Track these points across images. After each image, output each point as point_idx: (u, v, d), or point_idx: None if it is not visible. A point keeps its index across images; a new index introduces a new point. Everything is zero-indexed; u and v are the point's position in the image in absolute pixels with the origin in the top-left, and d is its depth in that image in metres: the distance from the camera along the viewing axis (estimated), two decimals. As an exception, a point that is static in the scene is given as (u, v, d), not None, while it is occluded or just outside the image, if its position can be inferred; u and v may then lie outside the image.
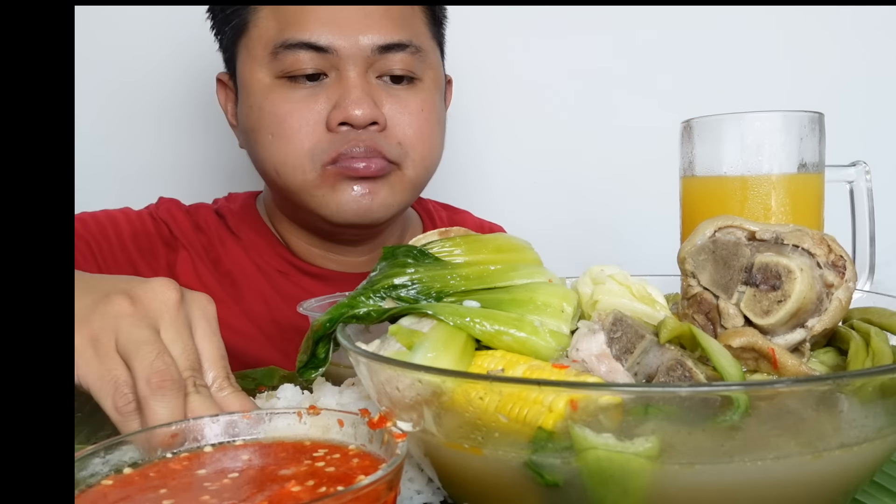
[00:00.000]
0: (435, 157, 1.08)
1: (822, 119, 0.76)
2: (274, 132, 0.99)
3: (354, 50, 0.97)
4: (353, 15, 0.98)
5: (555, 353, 0.49)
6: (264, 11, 1.00)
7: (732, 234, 0.52)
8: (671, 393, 0.38)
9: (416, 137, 1.02)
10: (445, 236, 0.59)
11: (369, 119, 0.97)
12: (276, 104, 0.99)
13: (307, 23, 0.97)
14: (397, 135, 1.01)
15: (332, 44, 0.97)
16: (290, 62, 0.97)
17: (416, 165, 1.04)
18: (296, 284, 1.12)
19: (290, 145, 0.98)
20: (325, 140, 0.98)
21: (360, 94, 0.97)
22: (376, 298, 0.53)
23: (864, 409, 0.40)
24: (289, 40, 0.97)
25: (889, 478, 0.54)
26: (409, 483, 0.51)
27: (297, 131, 0.98)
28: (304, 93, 0.99)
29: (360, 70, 0.98)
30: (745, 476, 0.38)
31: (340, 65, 0.98)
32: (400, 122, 1.01)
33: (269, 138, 1.00)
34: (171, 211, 1.14)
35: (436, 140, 1.07)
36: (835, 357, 0.51)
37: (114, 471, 0.42)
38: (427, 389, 0.42)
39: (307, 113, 0.98)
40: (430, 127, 1.05)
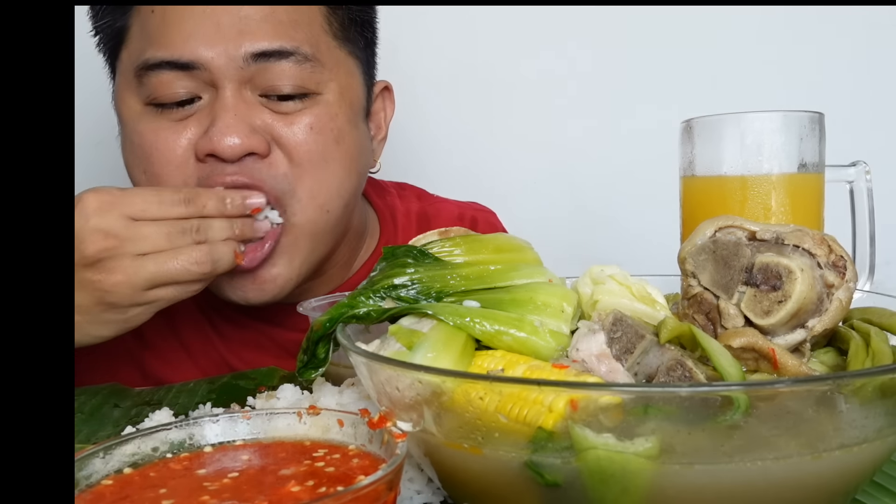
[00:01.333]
0: (329, 189, 0.86)
1: (822, 119, 0.76)
2: (145, 169, 0.84)
3: (223, 61, 0.80)
4: (226, 21, 0.81)
5: (555, 353, 0.49)
6: (134, 28, 0.85)
7: (733, 234, 0.52)
8: (671, 393, 0.38)
9: (302, 167, 0.84)
10: (445, 236, 0.59)
11: (243, 150, 0.80)
12: (143, 136, 0.84)
13: (169, 36, 0.81)
14: (282, 164, 0.83)
15: (196, 58, 0.80)
16: (154, 85, 0.82)
17: (306, 207, 0.85)
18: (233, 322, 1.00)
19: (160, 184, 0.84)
20: (194, 175, 0.83)
21: (231, 119, 0.80)
22: (376, 298, 0.53)
23: (863, 409, 0.40)
24: (150, 59, 0.81)
25: (889, 478, 0.54)
26: (408, 483, 0.51)
27: (166, 166, 0.83)
28: (173, 119, 0.83)
29: (234, 87, 0.81)
30: (745, 476, 0.38)
31: (213, 82, 0.82)
32: (287, 146, 0.83)
33: (142, 178, 0.85)
34: None
35: (331, 167, 0.86)
36: (835, 357, 0.51)
37: (114, 471, 0.42)
38: (427, 389, 0.42)
39: (175, 146, 0.82)
40: (321, 150, 0.85)
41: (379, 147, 1.01)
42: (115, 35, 0.88)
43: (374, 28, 0.98)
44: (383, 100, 1.03)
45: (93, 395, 0.82)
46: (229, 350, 1.02)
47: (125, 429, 0.64)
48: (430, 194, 1.21)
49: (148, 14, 0.84)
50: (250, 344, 1.02)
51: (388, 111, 1.04)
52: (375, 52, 0.99)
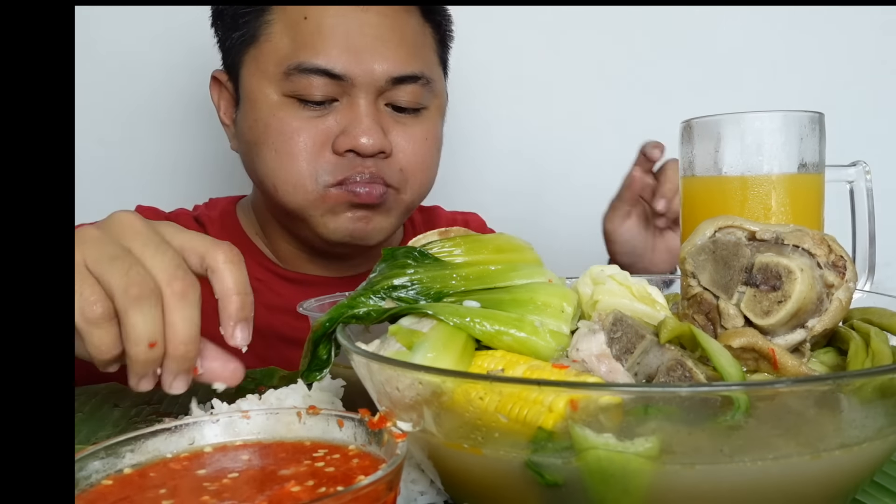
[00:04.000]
0: (431, 182, 1.10)
1: (822, 119, 0.76)
2: (278, 149, 0.99)
3: (368, 79, 0.97)
4: (370, 42, 0.97)
5: (555, 353, 0.49)
6: (278, 26, 0.99)
7: (733, 234, 0.52)
8: (671, 393, 0.38)
9: (418, 166, 1.04)
10: (445, 236, 0.59)
11: (377, 149, 0.97)
12: (284, 122, 0.98)
13: (323, 47, 0.96)
14: (400, 162, 1.02)
15: (347, 72, 0.96)
16: (302, 85, 0.97)
17: (413, 190, 1.05)
18: (275, 292, 1.11)
19: (294, 164, 0.98)
20: (330, 162, 0.98)
21: (370, 123, 0.97)
22: (376, 299, 0.52)
23: (864, 409, 0.40)
24: (303, 64, 0.96)
25: (889, 478, 0.54)
26: (411, 484, 0.51)
27: (303, 150, 0.98)
28: (313, 114, 0.98)
29: (370, 98, 0.98)
30: (746, 476, 0.38)
31: (352, 91, 0.97)
32: (404, 150, 1.02)
33: (272, 154, 0.99)
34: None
35: (434, 166, 1.09)
36: (835, 357, 0.51)
37: (114, 471, 0.42)
38: (427, 389, 0.42)
39: (315, 133, 0.98)
40: (431, 155, 1.07)
41: None
42: (252, 27, 1.00)
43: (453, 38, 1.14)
44: None
45: (92, 395, 0.82)
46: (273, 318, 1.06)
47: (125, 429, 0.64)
48: (425, 206, 1.34)
49: (299, 19, 0.98)
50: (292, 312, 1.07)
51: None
52: None
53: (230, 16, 1.03)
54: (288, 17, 0.98)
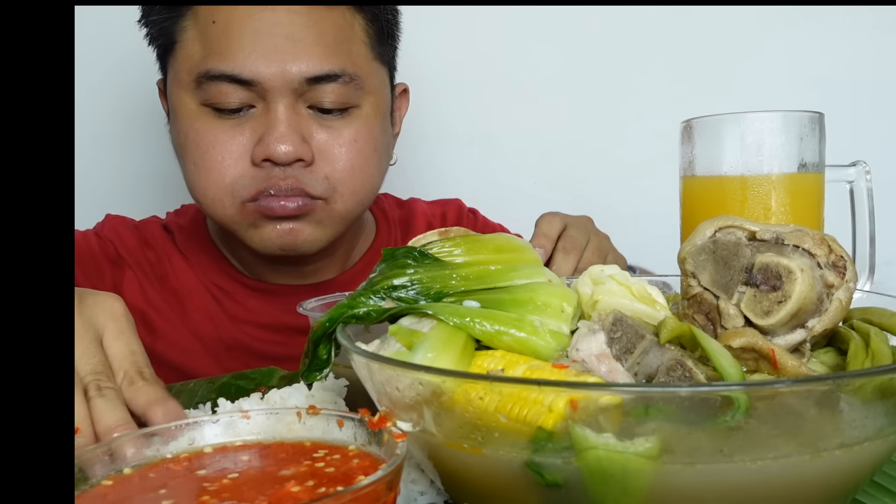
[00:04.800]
0: (367, 188, 1.01)
1: (822, 119, 0.76)
2: (196, 162, 0.95)
3: (281, 81, 0.91)
4: (281, 43, 0.91)
5: (555, 353, 0.49)
6: (190, 32, 0.94)
7: (733, 234, 0.52)
8: (671, 393, 0.38)
9: (347, 171, 0.97)
10: (445, 236, 0.59)
11: (293, 157, 0.92)
12: (200, 134, 0.94)
13: (230, 51, 0.91)
14: (325, 169, 0.95)
15: (256, 76, 0.91)
16: (213, 93, 0.92)
17: (346, 200, 0.98)
18: (240, 303, 1.09)
19: (211, 178, 0.95)
20: (247, 175, 0.94)
21: (285, 129, 0.92)
22: (376, 299, 0.52)
23: (864, 409, 0.40)
24: (211, 71, 0.91)
25: (889, 478, 0.54)
26: (411, 484, 0.51)
27: (219, 164, 0.94)
28: (229, 124, 0.94)
29: (288, 101, 0.93)
30: (745, 476, 0.38)
31: (267, 96, 0.92)
32: (329, 155, 0.96)
33: (192, 167, 0.96)
34: (116, 229, 1.11)
35: (370, 171, 1.00)
36: (835, 357, 0.51)
37: (114, 471, 0.42)
38: (427, 389, 0.42)
39: (231, 145, 0.93)
40: (364, 158, 0.98)
41: (393, 141, 1.11)
42: (168, 34, 0.96)
43: (398, 35, 1.08)
44: (401, 99, 1.13)
45: (93, 395, 0.82)
46: (237, 329, 1.08)
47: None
48: (403, 201, 1.32)
49: (208, 23, 0.93)
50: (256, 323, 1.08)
51: (402, 109, 1.14)
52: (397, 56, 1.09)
53: (150, 24, 1.00)
54: (199, 21, 0.94)
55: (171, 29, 0.96)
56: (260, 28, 0.91)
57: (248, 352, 1.07)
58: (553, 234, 0.94)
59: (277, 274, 1.10)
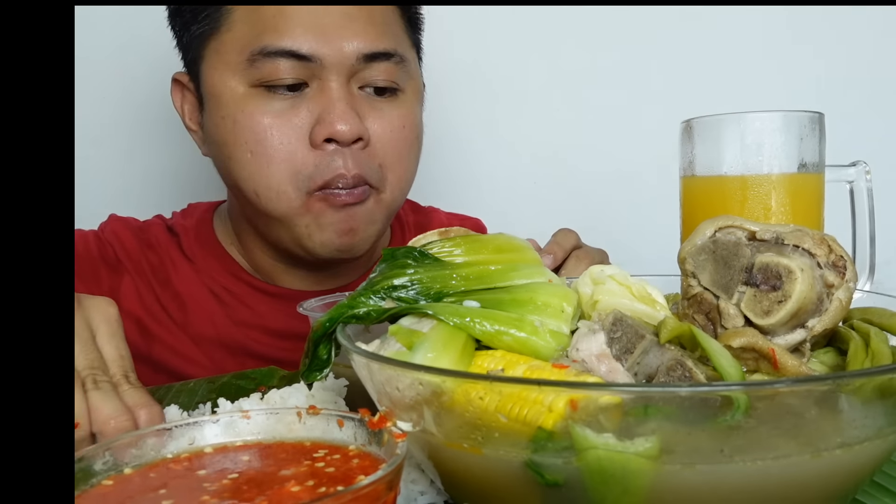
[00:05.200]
0: (410, 177, 1.02)
1: (822, 119, 0.76)
2: (253, 150, 0.91)
3: (338, 58, 0.91)
4: (337, 20, 0.91)
5: (555, 353, 0.49)
6: (238, 13, 0.93)
7: (733, 234, 0.52)
8: (671, 393, 0.38)
9: (396, 158, 0.97)
10: (445, 236, 0.59)
11: (355, 135, 0.91)
12: (254, 117, 0.91)
13: (287, 28, 0.90)
14: (379, 154, 0.95)
15: (315, 52, 0.89)
16: (268, 71, 0.90)
17: (394, 188, 0.98)
18: (248, 307, 1.07)
19: (273, 167, 0.91)
20: (309, 162, 0.92)
21: (344, 107, 0.91)
22: (376, 299, 0.52)
23: (863, 409, 0.40)
24: (268, 47, 0.89)
25: (889, 478, 0.54)
26: (411, 485, 0.51)
27: (279, 150, 0.91)
28: (284, 104, 0.91)
29: (342, 80, 0.92)
30: (745, 476, 0.38)
31: (322, 74, 0.91)
32: (381, 139, 0.95)
33: (247, 156, 0.92)
34: (117, 232, 1.08)
35: (413, 159, 1.01)
36: (835, 357, 0.51)
37: (114, 471, 0.42)
38: (427, 389, 0.42)
39: (288, 128, 0.91)
40: (409, 145, 0.99)
41: None
42: (211, 20, 0.95)
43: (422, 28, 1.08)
44: None
45: (93, 395, 0.82)
46: (242, 334, 1.06)
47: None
48: (421, 206, 1.30)
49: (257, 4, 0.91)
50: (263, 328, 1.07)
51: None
52: None
53: (189, 10, 0.97)
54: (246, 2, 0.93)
55: (215, 14, 0.94)
56: (313, 8, 0.91)
57: (251, 357, 1.05)
58: (567, 246, 0.94)
59: (292, 277, 1.08)
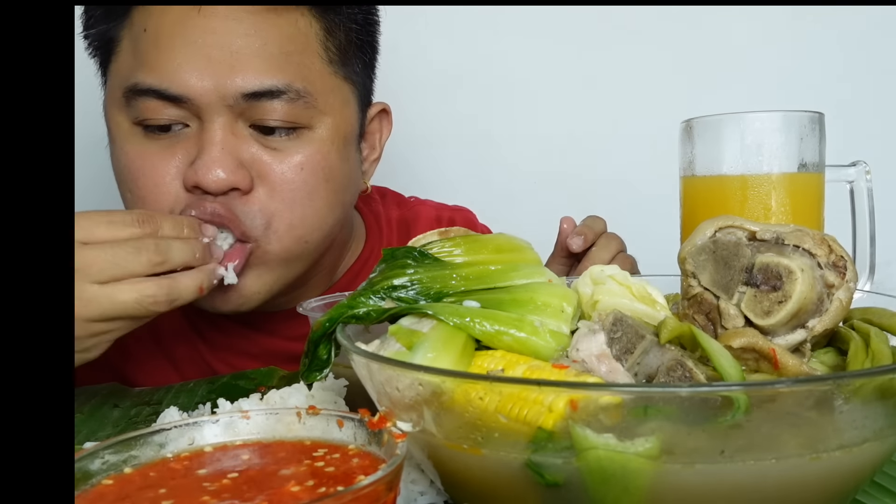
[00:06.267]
0: (309, 224, 0.87)
1: (822, 119, 0.76)
2: (131, 190, 0.85)
3: (215, 97, 0.80)
4: (216, 53, 0.80)
5: (555, 353, 0.49)
6: (125, 42, 0.84)
7: (733, 234, 0.52)
8: (671, 393, 0.38)
9: (286, 202, 0.84)
10: (445, 236, 0.59)
11: (227, 185, 0.80)
12: (132, 158, 0.84)
13: (159, 63, 0.80)
14: (261, 199, 0.83)
15: (187, 91, 0.79)
16: (141, 110, 0.82)
17: (282, 236, 0.85)
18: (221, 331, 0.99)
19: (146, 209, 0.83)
20: (181, 203, 0.83)
21: (218, 153, 0.80)
22: (376, 299, 0.52)
23: (863, 409, 0.40)
24: (138, 84, 0.81)
25: (889, 478, 0.54)
26: (411, 484, 0.51)
27: (151, 193, 0.83)
28: (160, 145, 0.83)
29: (224, 120, 0.81)
30: (745, 476, 0.38)
31: (201, 114, 0.81)
32: (269, 181, 0.83)
33: (128, 196, 0.86)
34: None
35: (315, 204, 0.86)
36: (835, 357, 0.51)
37: (114, 471, 0.42)
38: (427, 389, 0.42)
39: (161, 170, 0.82)
40: (309, 189, 0.85)
41: (371, 167, 1.01)
42: (105, 43, 0.87)
43: (375, 47, 0.96)
44: (380, 121, 1.01)
45: (92, 395, 0.82)
46: (216, 357, 1.00)
47: (125, 429, 0.64)
48: (407, 199, 1.22)
49: (140, 32, 0.83)
50: (238, 351, 1.01)
51: (384, 132, 1.02)
52: (374, 72, 0.97)
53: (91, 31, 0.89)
54: (133, 29, 0.84)
55: (108, 37, 0.86)
56: (192, 37, 0.80)
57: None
58: (597, 229, 0.94)
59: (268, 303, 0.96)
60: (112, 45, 0.86)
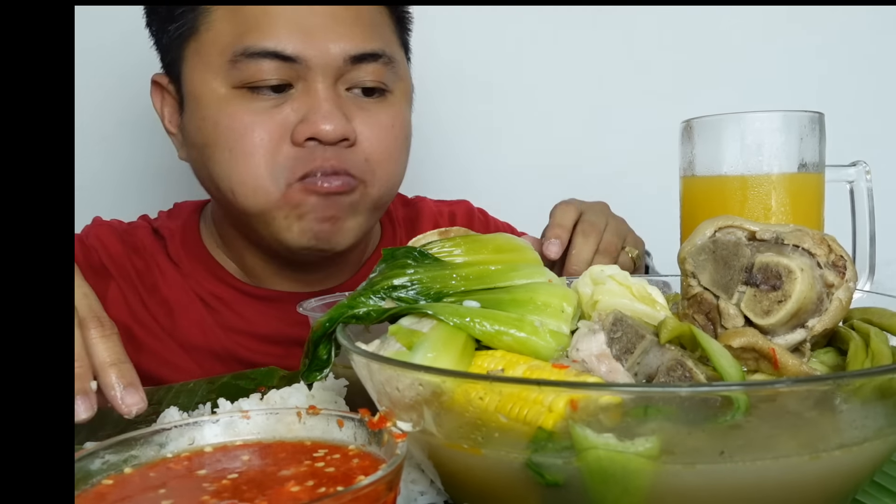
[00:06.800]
0: (399, 176, 1.01)
1: (822, 119, 0.76)
2: (232, 148, 0.90)
3: (324, 60, 0.89)
4: (322, 20, 0.89)
5: (555, 353, 0.49)
6: (219, 12, 0.90)
7: (733, 234, 0.52)
8: (671, 393, 0.38)
9: (384, 155, 0.95)
10: (445, 236, 0.59)
11: (340, 135, 0.89)
12: (235, 118, 0.89)
13: (271, 28, 0.88)
14: (366, 150, 0.93)
15: (300, 53, 0.88)
16: (251, 72, 0.88)
17: (381, 184, 0.96)
18: (236, 312, 1.05)
19: (251, 163, 0.89)
20: (290, 156, 0.90)
21: (330, 107, 0.89)
22: (376, 299, 0.52)
23: (863, 409, 0.40)
24: (250, 48, 0.88)
25: (889, 478, 0.54)
26: (411, 484, 0.51)
27: (259, 147, 0.89)
28: (267, 104, 0.90)
29: (329, 81, 0.90)
30: (745, 476, 0.38)
31: (308, 76, 0.89)
32: (369, 137, 0.94)
33: (226, 155, 0.91)
34: (101, 237, 1.06)
35: (402, 159, 1.00)
36: (835, 357, 0.51)
37: (114, 471, 0.42)
38: (427, 389, 0.42)
39: (270, 126, 0.89)
40: (399, 145, 0.98)
41: None
42: (189, 20, 0.93)
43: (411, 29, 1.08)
44: None
45: (93, 395, 0.82)
46: (231, 340, 1.04)
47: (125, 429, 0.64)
48: (410, 199, 1.29)
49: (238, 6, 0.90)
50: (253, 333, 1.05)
51: None
52: None
53: (165, 10, 0.94)
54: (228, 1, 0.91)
55: (193, 13, 0.92)
56: (300, 7, 0.89)
57: (241, 364, 1.02)
58: (568, 223, 0.94)
59: (281, 280, 1.07)
60: (199, 20, 0.92)
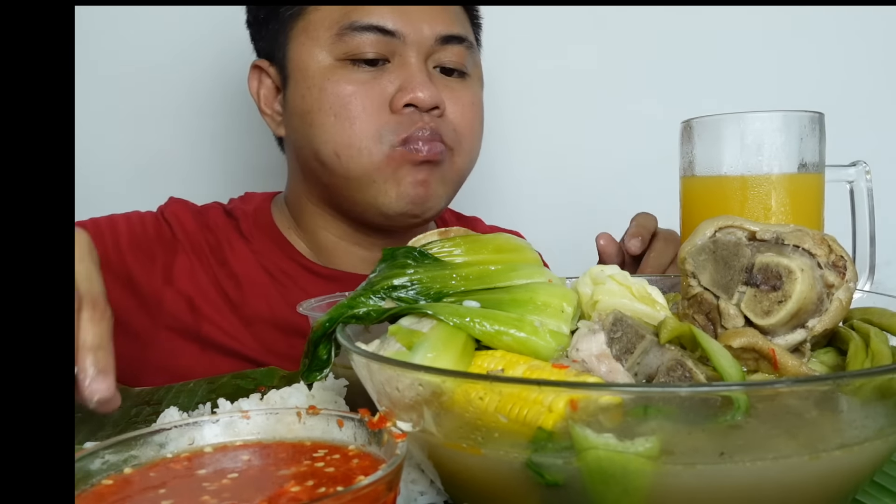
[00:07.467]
0: (476, 152, 1.11)
1: (822, 119, 0.76)
2: (337, 113, 1.00)
3: (419, 37, 1.01)
4: (417, 5, 1.02)
5: (555, 353, 0.49)
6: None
7: (733, 234, 0.52)
8: (671, 393, 0.38)
9: (468, 129, 1.07)
10: (445, 236, 0.59)
11: (434, 102, 1.00)
12: (340, 84, 1.00)
13: (374, 7, 1.00)
14: (453, 122, 1.04)
15: (399, 28, 1.00)
16: (355, 44, 1.00)
17: (464, 155, 1.07)
18: (302, 288, 1.10)
19: (356, 126, 1.00)
20: (391, 121, 1.00)
21: (424, 77, 1.00)
22: (376, 299, 0.52)
23: (863, 409, 0.40)
24: (356, 22, 1.00)
25: (889, 478, 0.54)
26: (411, 484, 0.51)
27: (363, 112, 1.00)
28: (367, 76, 1.01)
29: (420, 57, 1.02)
30: (745, 476, 0.38)
31: (403, 51, 1.01)
32: (454, 111, 1.05)
33: (331, 119, 1.01)
34: (177, 213, 1.13)
35: (480, 136, 1.12)
36: (835, 357, 0.51)
37: (114, 471, 0.42)
38: (427, 389, 0.42)
39: (372, 95, 1.00)
40: (478, 122, 1.10)
41: None
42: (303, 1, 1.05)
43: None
44: None
45: (93, 395, 0.82)
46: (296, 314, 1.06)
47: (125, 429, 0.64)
48: (464, 215, 1.36)
49: None
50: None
51: None
52: None
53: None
54: None
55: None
56: None
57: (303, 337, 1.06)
58: (652, 227, 1.00)
59: (351, 257, 1.13)
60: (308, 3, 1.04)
